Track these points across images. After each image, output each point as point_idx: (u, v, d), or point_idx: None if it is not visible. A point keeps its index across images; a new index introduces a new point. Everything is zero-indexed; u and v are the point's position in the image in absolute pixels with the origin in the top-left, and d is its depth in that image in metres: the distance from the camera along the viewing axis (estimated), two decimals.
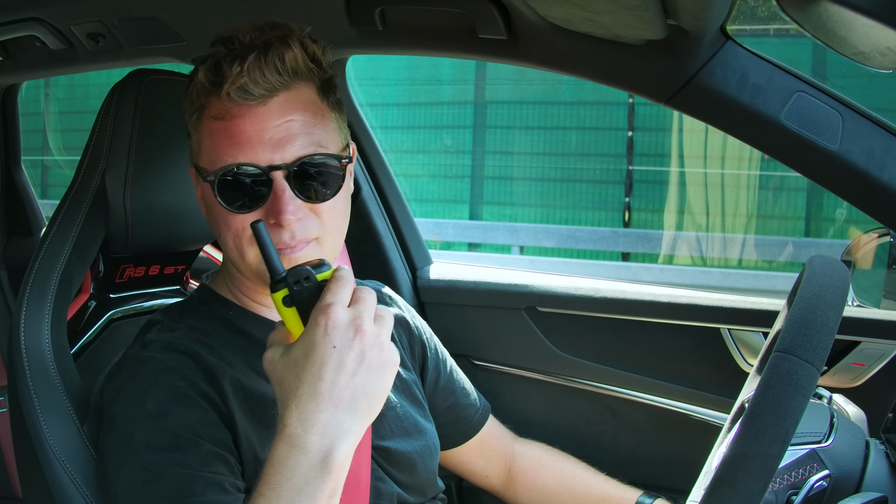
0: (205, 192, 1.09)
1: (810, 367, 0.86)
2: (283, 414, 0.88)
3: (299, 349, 0.89)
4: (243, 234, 1.05)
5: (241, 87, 1.00)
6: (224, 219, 1.06)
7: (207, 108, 1.05)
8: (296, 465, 0.86)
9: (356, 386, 0.88)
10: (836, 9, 1.02)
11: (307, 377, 0.87)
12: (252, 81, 1.00)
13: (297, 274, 0.91)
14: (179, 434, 0.99)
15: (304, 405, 0.87)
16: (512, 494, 1.51)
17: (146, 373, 1.04)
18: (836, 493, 1.01)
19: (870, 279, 1.55)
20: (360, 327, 0.88)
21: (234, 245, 1.07)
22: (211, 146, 1.04)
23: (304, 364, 0.87)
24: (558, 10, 1.17)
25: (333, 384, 0.87)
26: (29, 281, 1.17)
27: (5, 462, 2.16)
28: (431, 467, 1.28)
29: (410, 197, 2.03)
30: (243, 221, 1.03)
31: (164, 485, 0.96)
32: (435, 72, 8.03)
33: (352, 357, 0.87)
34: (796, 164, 1.20)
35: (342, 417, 0.87)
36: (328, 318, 0.88)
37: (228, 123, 1.02)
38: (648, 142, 7.44)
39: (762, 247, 7.03)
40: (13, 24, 1.59)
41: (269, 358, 0.92)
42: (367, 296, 0.92)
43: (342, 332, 0.88)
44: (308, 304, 0.91)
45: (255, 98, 1.01)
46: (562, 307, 1.76)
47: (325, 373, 0.86)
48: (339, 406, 0.87)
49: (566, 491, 1.47)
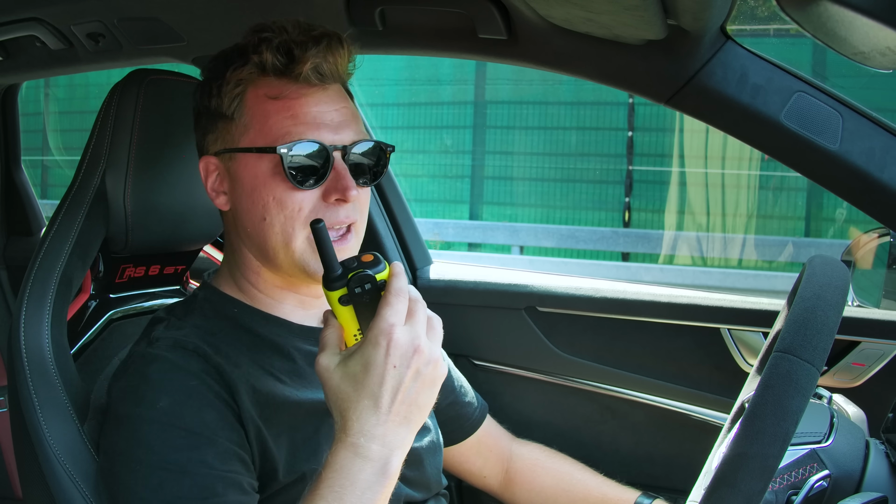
0: (255, 171, 1.07)
1: (810, 367, 0.86)
2: (343, 424, 0.93)
3: (358, 363, 0.92)
4: (298, 216, 1.06)
5: (316, 68, 1.05)
6: (279, 198, 1.06)
7: (256, 88, 1.07)
8: (359, 472, 0.91)
9: (411, 400, 0.93)
10: (836, 9, 1.02)
11: (367, 393, 0.92)
12: (326, 64, 1.06)
13: (361, 280, 0.94)
14: (197, 432, 0.99)
15: (366, 419, 0.92)
16: (510, 495, 1.51)
17: (157, 371, 1.04)
18: (836, 493, 1.01)
19: (870, 279, 1.55)
20: (419, 348, 0.93)
21: (283, 229, 1.07)
22: (268, 124, 1.06)
23: (364, 380, 0.92)
24: (558, 10, 1.17)
25: (392, 401, 0.92)
26: (29, 281, 1.17)
27: (5, 462, 2.16)
28: (436, 464, 1.28)
29: (410, 197, 2.03)
30: (301, 201, 1.06)
31: (185, 484, 0.96)
32: (435, 72, 8.03)
33: (409, 375, 0.92)
34: (796, 164, 1.20)
35: (399, 430, 0.93)
36: (389, 339, 0.91)
37: (291, 102, 1.06)
38: (648, 142, 7.45)
39: (762, 247, 7.03)
40: (13, 24, 1.59)
41: (324, 364, 0.95)
42: (420, 308, 0.95)
43: (402, 352, 0.92)
44: (366, 307, 0.94)
45: (322, 80, 1.07)
46: (562, 307, 1.76)
47: (384, 391, 0.91)
48: (396, 420, 0.93)
49: (564, 492, 1.47)
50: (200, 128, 1.14)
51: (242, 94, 1.08)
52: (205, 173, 1.13)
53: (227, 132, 1.10)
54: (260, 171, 1.07)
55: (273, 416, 1.07)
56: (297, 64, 1.05)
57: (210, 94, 1.10)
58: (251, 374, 1.08)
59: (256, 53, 1.06)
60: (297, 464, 1.07)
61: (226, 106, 1.09)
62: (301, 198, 1.06)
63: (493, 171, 7.97)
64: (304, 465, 1.07)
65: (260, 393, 1.07)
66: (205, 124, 1.13)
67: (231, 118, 1.09)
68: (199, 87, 1.14)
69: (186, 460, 0.98)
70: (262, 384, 1.08)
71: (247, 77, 1.08)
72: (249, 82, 1.08)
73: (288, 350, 1.14)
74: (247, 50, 1.08)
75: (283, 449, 1.06)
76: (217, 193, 1.13)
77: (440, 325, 0.98)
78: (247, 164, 1.08)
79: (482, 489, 1.54)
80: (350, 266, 0.95)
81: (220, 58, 1.11)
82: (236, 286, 1.17)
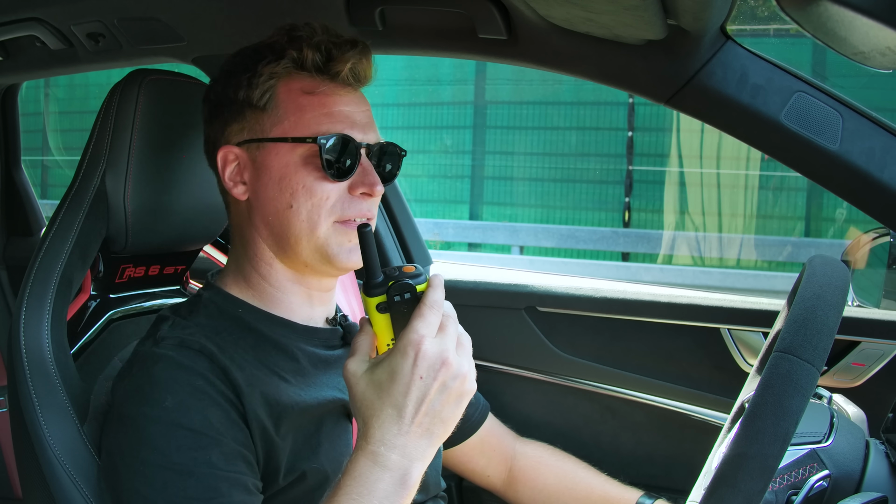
0: (286, 160, 1.11)
1: (810, 367, 0.86)
2: (365, 431, 0.93)
3: (384, 372, 0.92)
4: (325, 204, 1.10)
5: (353, 69, 1.12)
6: (309, 187, 1.10)
7: (289, 83, 1.11)
8: (377, 481, 0.91)
9: (435, 413, 0.93)
10: (836, 9, 1.02)
11: (391, 402, 0.92)
12: (360, 67, 1.13)
13: (402, 288, 0.94)
14: (202, 433, 0.99)
15: (388, 428, 0.92)
16: (513, 494, 1.52)
17: (162, 371, 1.03)
18: (836, 493, 1.01)
19: (870, 279, 1.55)
20: (447, 360, 0.92)
21: (309, 216, 1.10)
22: (304, 118, 1.11)
23: (389, 389, 0.92)
24: (558, 10, 1.17)
25: (416, 412, 0.92)
26: (29, 281, 1.17)
27: (5, 462, 2.16)
28: (436, 465, 1.28)
29: (410, 197, 2.04)
30: (330, 190, 1.10)
31: (189, 484, 0.96)
32: (435, 72, 8.03)
33: (435, 388, 0.92)
34: (796, 164, 1.20)
35: (420, 441, 0.93)
36: (417, 350, 0.91)
37: (326, 99, 1.11)
38: (648, 142, 7.45)
39: (762, 247, 7.03)
40: (13, 24, 1.59)
41: (352, 370, 0.95)
42: (451, 324, 0.96)
43: (429, 364, 0.92)
44: (403, 317, 0.94)
45: (357, 82, 1.14)
46: (562, 307, 1.76)
47: (409, 401, 0.91)
48: (419, 431, 0.93)
49: (567, 491, 1.47)
50: (220, 119, 1.15)
51: (274, 87, 1.12)
52: (223, 163, 1.15)
53: (256, 122, 1.12)
54: (292, 160, 1.10)
55: (278, 415, 1.07)
56: (335, 63, 1.11)
57: (239, 85, 1.13)
58: (256, 374, 1.08)
59: (296, 50, 1.11)
60: (298, 463, 1.07)
61: (257, 97, 1.12)
62: (330, 188, 1.10)
63: (493, 171, 7.97)
64: (305, 464, 1.07)
65: (265, 392, 1.07)
66: (227, 115, 1.14)
67: (263, 109, 1.12)
68: (222, 80, 1.16)
69: (191, 460, 0.98)
70: (267, 384, 1.08)
71: (281, 71, 1.12)
72: (282, 76, 1.12)
73: (292, 350, 1.14)
74: (279, 47, 1.12)
75: (287, 448, 1.06)
76: (235, 183, 1.15)
77: (469, 343, 0.98)
78: (278, 153, 1.11)
79: (486, 488, 1.55)
80: (391, 274, 0.95)
81: (246, 53, 1.14)
82: (244, 282, 1.17)
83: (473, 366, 0.97)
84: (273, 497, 1.05)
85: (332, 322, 1.21)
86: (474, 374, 0.97)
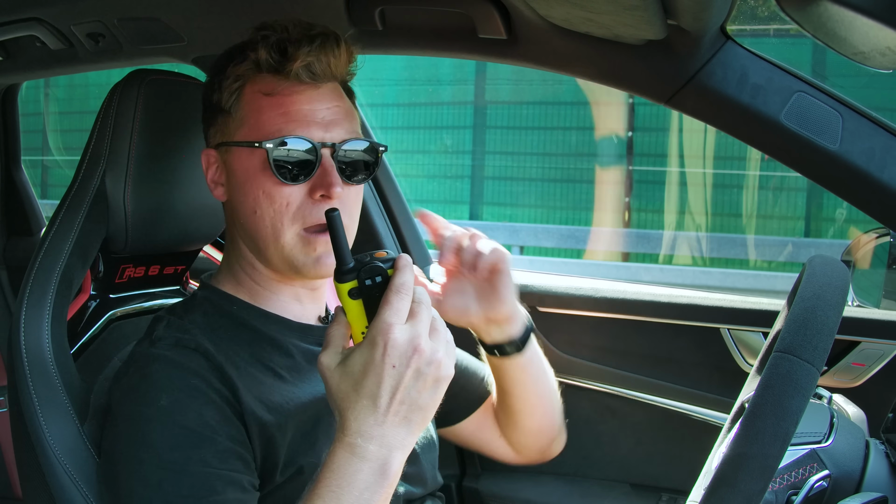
0: (247, 165, 1.09)
1: (810, 367, 0.86)
2: (342, 424, 0.92)
3: (357, 363, 0.91)
4: (286, 211, 1.08)
5: (308, 66, 1.08)
6: (268, 192, 1.08)
7: (253, 84, 1.10)
8: (356, 472, 0.91)
9: (411, 401, 0.92)
10: (836, 9, 1.02)
11: (365, 393, 0.90)
12: (318, 63, 1.08)
13: (372, 271, 0.92)
14: (197, 431, 0.99)
15: (364, 419, 0.91)
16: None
17: (158, 370, 1.04)
18: (836, 493, 1.01)
19: (870, 279, 1.55)
20: (418, 347, 0.91)
21: (272, 223, 1.09)
22: (261, 120, 1.09)
23: (363, 380, 0.91)
24: (558, 10, 1.17)
25: (391, 401, 0.91)
26: (29, 281, 1.17)
27: (5, 462, 2.16)
28: (431, 460, 1.28)
29: (410, 197, 2.03)
30: (289, 196, 1.08)
31: (184, 483, 0.96)
32: (435, 72, 8.02)
33: (409, 375, 0.91)
34: (796, 164, 1.20)
35: (398, 431, 0.92)
36: (387, 339, 0.90)
37: (284, 99, 1.08)
38: (648, 142, 7.44)
39: (762, 247, 7.03)
40: (13, 24, 1.59)
41: (325, 363, 0.94)
42: (423, 310, 0.93)
43: (401, 352, 0.90)
44: (376, 302, 0.92)
45: (314, 79, 1.09)
46: (562, 307, 1.76)
47: (383, 391, 0.90)
48: (395, 420, 0.92)
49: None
50: (204, 121, 1.18)
51: (240, 89, 1.11)
52: (206, 165, 1.16)
53: (225, 126, 1.13)
54: (251, 164, 1.09)
55: (275, 411, 1.07)
56: (289, 62, 1.07)
57: (213, 88, 1.14)
58: (252, 371, 1.08)
59: (253, 51, 1.09)
60: (296, 458, 1.07)
61: (224, 100, 1.12)
62: (288, 192, 1.08)
63: (493, 171, 7.97)
64: (302, 458, 1.07)
65: (261, 389, 1.07)
66: (208, 118, 1.16)
67: (229, 112, 1.12)
68: (206, 82, 1.17)
69: (186, 459, 0.98)
70: (263, 380, 1.09)
71: (245, 73, 1.11)
72: (247, 78, 1.11)
73: (287, 346, 1.14)
74: (246, 47, 1.11)
75: (284, 444, 1.07)
76: (215, 185, 1.16)
77: (443, 327, 0.96)
78: (240, 157, 1.11)
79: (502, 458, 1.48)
80: (363, 260, 0.94)
81: (225, 54, 1.15)
82: (235, 281, 1.18)
83: (452, 350, 0.95)
84: (271, 493, 1.06)
85: (324, 320, 1.22)
86: (453, 359, 0.95)
